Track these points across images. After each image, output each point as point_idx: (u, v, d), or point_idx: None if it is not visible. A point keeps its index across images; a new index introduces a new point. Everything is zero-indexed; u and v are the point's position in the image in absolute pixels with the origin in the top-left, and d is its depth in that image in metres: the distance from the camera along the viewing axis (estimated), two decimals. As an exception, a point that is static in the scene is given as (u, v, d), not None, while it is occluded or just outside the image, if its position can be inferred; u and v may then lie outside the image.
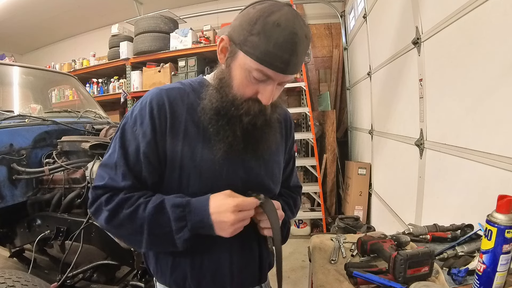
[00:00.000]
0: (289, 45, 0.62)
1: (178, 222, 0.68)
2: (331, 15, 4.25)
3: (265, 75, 0.66)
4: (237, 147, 0.72)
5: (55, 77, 2.82)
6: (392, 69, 2.40)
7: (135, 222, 0.69)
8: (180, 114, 0.72)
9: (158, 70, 3.87)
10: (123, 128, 0.74)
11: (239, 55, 0.66)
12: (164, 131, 0.71)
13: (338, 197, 3.88)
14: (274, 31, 0.61)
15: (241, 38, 0.65)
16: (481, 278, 0.71)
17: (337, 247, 1.10)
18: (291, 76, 0.68)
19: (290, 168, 0.97)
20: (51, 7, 4.46)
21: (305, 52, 0.67)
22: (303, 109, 3.48)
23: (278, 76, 0.66)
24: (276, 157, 0.85)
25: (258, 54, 0.63)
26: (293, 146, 0.97)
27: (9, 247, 2.04)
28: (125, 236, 0.74)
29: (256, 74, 0.66)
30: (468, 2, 1.26)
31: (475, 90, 1.28)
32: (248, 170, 0.77)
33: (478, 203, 1.25)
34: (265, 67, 0.64)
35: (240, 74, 0.68)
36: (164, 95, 0.73)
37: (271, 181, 0.82)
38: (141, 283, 1.58)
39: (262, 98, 0.69)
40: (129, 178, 0.71)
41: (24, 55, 6.14)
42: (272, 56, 0.62)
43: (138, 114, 0.72)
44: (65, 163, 1.73)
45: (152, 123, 0.70)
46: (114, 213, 0.69)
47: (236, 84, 0.69)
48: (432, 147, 1.67)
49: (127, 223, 0.69)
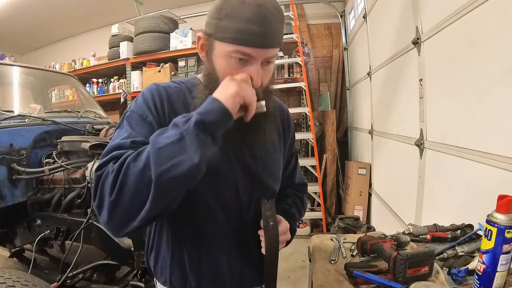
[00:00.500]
0: (258, 17, 0.61)
1: (183, 119, 0.59)
2: (331, 15, 4.25)
3: (245, 55, 0.64)
4: (232, 139, 0.69)
5: (55, 77, 2.82)
6: (392, 69, 2.40)
7: (140, 159, 0.57)
8: (176, 109, 0.71)
9: (158, 70, 3.87)
10: (129, 117, 0.70)
11: (216, 45, 0.66)
12: (164, 120, 0.69)
13: (338, 197, 3.88)
14: (240, 9, 0.61)
15: (213, 28, 0.65)
16: (481, 278, 0.71)
17: (337, 247, 1.10)
18: (273, 50, 0.66)
19: (292, 165, 0.96)
20: (51, 7, 4.46)
21: (280, 23, 0.65)
22: (303, 109, 3.48)
23: (258, 52, 0.64)
24: (274, 155, 0.83)
25: (230, 36, 0.62)
26: (294, 144, 0.95)
27: (9, 247, 2.04)
28: (131, 185, 0.56)
29: (236, 56, 0.64)
30: (468, 2, 1.26)
31: (475, 90, 1.28)
32: (245, 168, 0.76)
33: (478, 203, 1.25)
34: (241, 46, 0.62)
35: (221, 63, 0.67)
36: (162, 90, 0.73)
37: (269, 178, 0.81)
38: (141, 283, 1.57)
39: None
40: (138, 145, 0.62)
41: (24, 55, 6.13)
42: (245, 33, 0.61)
43: (145, 105, 0.70)
44: (65, 163, 1.73)
45: (156, 109, 0.69)
46: (118, 172, 0.57)
47: (221, 74, 0.68)
48: (432, 147, 1.67)
49: (132, 168, 0.56)
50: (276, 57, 0.70)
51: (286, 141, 0.90)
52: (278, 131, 0.86)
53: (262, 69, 0.67)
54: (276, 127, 0.83)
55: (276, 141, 0.84)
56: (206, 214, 0.75)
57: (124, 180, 0.56)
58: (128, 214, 0.57)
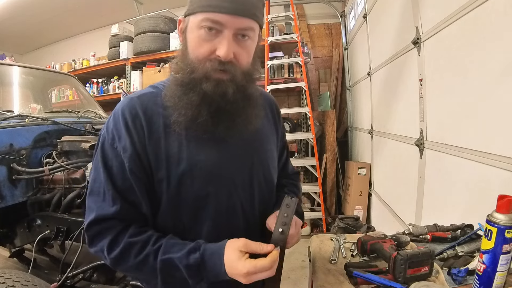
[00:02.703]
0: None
1: (194, 279, 0.64)
2: (331, 15, 4.25)
3: (215, 23, 0.60)
4: (202, 123, 0.65)
5: (55, 77, 2.82)
6: (392, 69, 2.40)
7: (145, 271, 0.66)
8: (156, 119, 0.67)
9: (158, 70, 3.87)
10: (102, 147, 0.68)
11: (189, 21, 0.65)
12: (143, 141, 0.66)
13: (338, 197, 3.88)
14: None
15: (187, 8, 0.64)
16: (481, 278, 0.71)
17: (337, 247, 1.10)
18: (246, 20, 0.62)
19: (285, 156, 0.96)
20: (51, 7, 4.46)
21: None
22: (303, 109, 3.48)
23: (230, 20, 0.60)
24: (268, 146, 0.82)
25: (200, 4, 0.61)
26: (284, 134, 0.94)
27: (9, 247, 2.03)
28: (137, 277, 0.71)
29: (205, 24, 0.61)
30: (468, 2, 1.26)
31: (475, 90, 1.28)
32: (240, 165, 0.74)
33: (478, 203, 1.25)
34: (210, 13, 0.60)
35: (193, 36, 0.64)
36: (135, 103, 0.68)
37: (267, 170, 0.80)
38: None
39: (220, 52, 0.61)
40: (119, 201, 0.65)
41: (24, 55, 6.14)
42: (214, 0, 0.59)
43: (114, 129, 0.67)
44: (65, 163, 1.73)
45: (130, 136, 0.65)
46: (119, 261, 0.66)
47: (191, 49, 0.64)
48: (432, 147, 1.67)
49: (137, 272, 0.67)
50: (253, 30, 0.64)
51: (278, 131, 0.88)
52: (268, 121, 0.84)
53: (235, 43, 0.63)
54: (262, 114, 0.78)
55: (269, 133, 0.83)
56: (207, 218, 0.72)
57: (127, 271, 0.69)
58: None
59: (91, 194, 0.69)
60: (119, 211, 0.65)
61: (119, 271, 0.74)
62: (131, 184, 0.66)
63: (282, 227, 0.65)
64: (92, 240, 0.68)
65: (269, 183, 0.81)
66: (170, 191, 0.68)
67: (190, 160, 0.68)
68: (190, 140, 0.69)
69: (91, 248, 0.69)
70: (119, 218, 0.66)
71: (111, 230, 0.66)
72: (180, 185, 0.68)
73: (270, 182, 0.82)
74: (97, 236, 0.67)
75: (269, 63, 3.44)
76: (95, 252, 0.68)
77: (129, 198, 0.67)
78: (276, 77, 3.68)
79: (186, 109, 0.64)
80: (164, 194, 0.69)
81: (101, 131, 0.70)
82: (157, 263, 0.63)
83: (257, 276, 0.61)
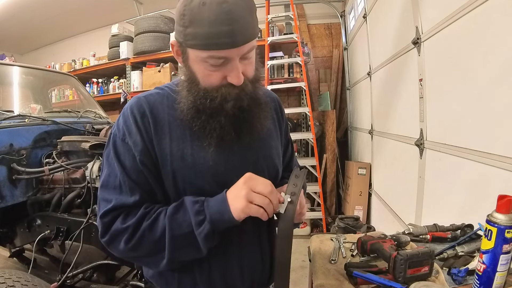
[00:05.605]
0: (222, 16, 0.58)
1: (197, 216, 0.65)
2: (331, 15, 4.25)
3: (220, 58, 0.62)
4: (228, 137, 0.69)
5: (55, 77, 2.82)
6: (392, 69, 2.40)
7: (156, 230, 0.66)
8: (162, 117, 0.71)
9: (158, 70, 3.88)
10: (114, 143, 0.71)
11: (189, 52, 0.65)
12: (151, 137, 0.69)
13: (338, 197, 3.88)
14: (202, 12, 0.58)
15: (182, 36, 0.63)
16: (481, 278, 0.71)
17: (337, 247, 1.10)
18: (248, 45, 0.63)
19: (290, 152, 0.96)
20: (51, 7, 4.46)
21: (249, 13, 0.62)
22: (303, 109, 3.48)
23: (234, 52, 0.62)
24: (272, 142, 0.83)
25: (200, 43, 0.60)
26: (288, 131, 0.95)
27: (9, 247, 2.04)
28: (144, 255, 0.69)
29: (212, 61, 0.62)
30: (468, 2, 1.26)
31: (475, 90, 1.28)
32: (245, 161, 0.75)
33: (478, 203, 1.25)
34: (214, 51, 0.61)
35: (199, 68, 0.66)
36: (143, 102, 0.71)
37: (272, 166, 0.80)
38: (141, 283, 1.58)
39: (232, 80, 0.64)
40: (137, 191, 0.68)
41: (24, 55, 6.13)
42: (214, 37, 0.59)
43: (124, 126, 0.70)
44: (65, 163, 1.73)
45: (139, 131, 0.69)
46: (135, 229, 0.66)
47: (201, 78, 0.67)
48: (432, 147, 1.67)
49: (148, 235, 0.66)
50: (255, 47, 0.68)
51: (282, 128, 0.89)
52: (272, 119, 0.85)
53: (242, 64, 0.65)
54: (270, 115, 0.81)
55: (271, 129, 0.84)
56: None
57: (139, 243, 0.67)
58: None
59: (106, 187, 0.70)
60: (138, 200, 0.68)
61: (128, 257, 0.73)
62: (145, 176, 0.69)
63: (291, 197, 0.68)
64: (107, 227, 0.68)
65: (273, 179, 0.81)
66: (175, 187, 0.71)
67: (195, 157, 0.70)
68: (194, 138, 0.71)
69: (103, 237, 0.69)
70: (140, 206, 0.68)
71: (131, 213, 0.68)
72: (184, 182, 0.70)
73: (275, 178, 0.82)
74: (112, 220, 0.68)
75: (269, 63, 3.45)
76: (109, 237, 0.68)
77: (145, 188, 0.69)
78: (276, 77, 3.68)
79: (216, 129, 0.68)
80: (171, 189, 0.71)
81: (111, 129, 0.74)
82: (167, 214, 0.66)
83: (257, 198, 0.63)
